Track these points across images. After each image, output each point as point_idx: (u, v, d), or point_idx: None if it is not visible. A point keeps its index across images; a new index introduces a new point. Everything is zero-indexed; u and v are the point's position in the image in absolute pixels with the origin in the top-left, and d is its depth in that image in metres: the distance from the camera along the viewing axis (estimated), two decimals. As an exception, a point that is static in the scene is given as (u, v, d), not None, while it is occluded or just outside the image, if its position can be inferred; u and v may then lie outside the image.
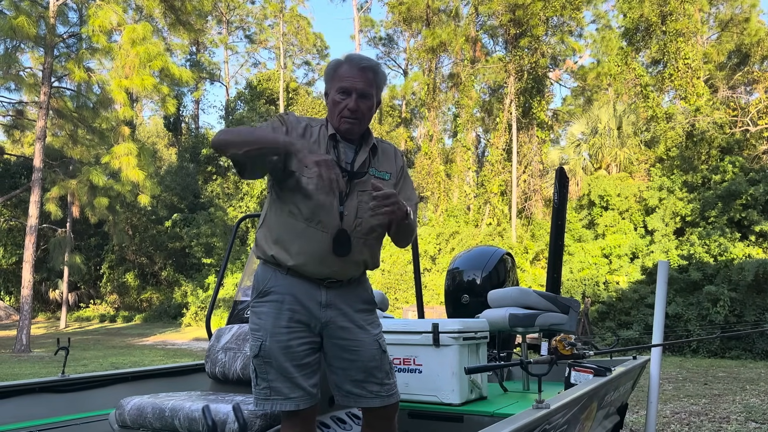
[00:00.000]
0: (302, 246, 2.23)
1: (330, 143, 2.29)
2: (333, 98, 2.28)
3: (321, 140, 2.30)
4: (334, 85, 2.28)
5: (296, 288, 2.25)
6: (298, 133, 2.28)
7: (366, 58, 2.33)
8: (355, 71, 2.27)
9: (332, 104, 2.29)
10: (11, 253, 32.55)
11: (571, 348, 2.33)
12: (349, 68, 2.28)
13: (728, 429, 5.93)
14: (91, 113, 20.12)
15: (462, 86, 28.26)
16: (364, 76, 2.27)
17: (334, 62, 2.34)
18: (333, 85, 2.29)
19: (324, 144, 2.29)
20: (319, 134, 2.31)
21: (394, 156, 2.45)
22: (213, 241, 29.55)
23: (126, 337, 22.84)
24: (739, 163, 19.34)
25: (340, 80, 2.27)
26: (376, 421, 2.36)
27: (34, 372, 11.57)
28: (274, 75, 35.55)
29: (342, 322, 2.29)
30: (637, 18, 24.37)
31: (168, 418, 2.57)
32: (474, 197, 28.05)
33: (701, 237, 18.12)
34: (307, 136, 2.28)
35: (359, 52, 2.10)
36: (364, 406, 2.33)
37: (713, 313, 15.60)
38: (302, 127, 2.30)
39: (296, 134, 2.27)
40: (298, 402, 2.21)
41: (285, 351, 2.20)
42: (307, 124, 2.33)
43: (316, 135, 2.31)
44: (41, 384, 3.17)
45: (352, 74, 2.26)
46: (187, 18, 23.37)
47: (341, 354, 2.29)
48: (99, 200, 20.97)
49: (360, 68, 2.28)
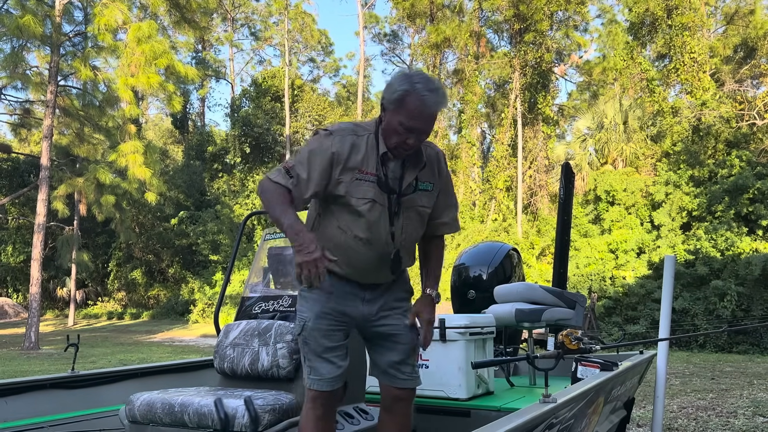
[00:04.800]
0: (351, 260, 2.35)
1: (379, 160, 2.28)
2: (394, 127, 2.21)
3: (369, 154, 2.28)
4: (399, 116, 2.19)
5: (342, 288, 2.41)
6: (343, 156, 2.25)
7: (436, 96, 2.19)
8: (425, 115, 2.19)
9: (391, 130, 2.23)
10: (19, 251, 32.73)
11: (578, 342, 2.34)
12: (419, 108, 2.17)
13: (736, 424, 5.92)
14: (97, 111, 20.21)
15: (467, 82, 28.20)
16: (432, 119, 2.23)
17: (404, 89, 2.18)
18: (397, 115, 2.20)
19: (373, 161, 2.28)
20: (367, 146, 2.28)
21: (437, 163, 2.44)
22: (219, 238, 29.63)
23: (134, 334, 22.96)
24: (746, 157, 19.24)
25: (407, 116, 2.18)
26: (397, 404, 2.47)
27: (43, 369, 11.65)
28: (279, 72, 35.52)
29: (383, 311, 2.45)
30: (642, 12, 24.26)
31: (177, 413, 2.59)
32: (479, 193, 28.02)
33: (708, 231, 18.05)
34: (353, 155, 2.26)
35: (427, 75, 2.21)
36: (399, 386, 2.46)
37: (720, 307, 15.56)
38: (348, 147, 2.26)
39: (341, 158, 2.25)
40: (333, 382, 2.39)
41: (323, 334, 2.38)
42: (353, 142, 2.27)
43: (363, 149, 2.27)
44: (52, 380, 3.20)
45: (422, 117, 2.19)
46: (192, 16, 23.39)
47: (382, 341, 2.47)
48: (106, 198, 21.06)
49: (431, 114, 2.20)
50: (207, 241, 29.78)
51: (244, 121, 33.04)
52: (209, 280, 29.19)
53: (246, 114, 33.70)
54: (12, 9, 18.24)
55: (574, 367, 3.33)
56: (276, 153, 34.17)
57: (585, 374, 3.26)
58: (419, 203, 2.38)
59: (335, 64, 41.56)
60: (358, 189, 2.27)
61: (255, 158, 33.46)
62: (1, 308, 31.40)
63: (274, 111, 34.33)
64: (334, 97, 39.56)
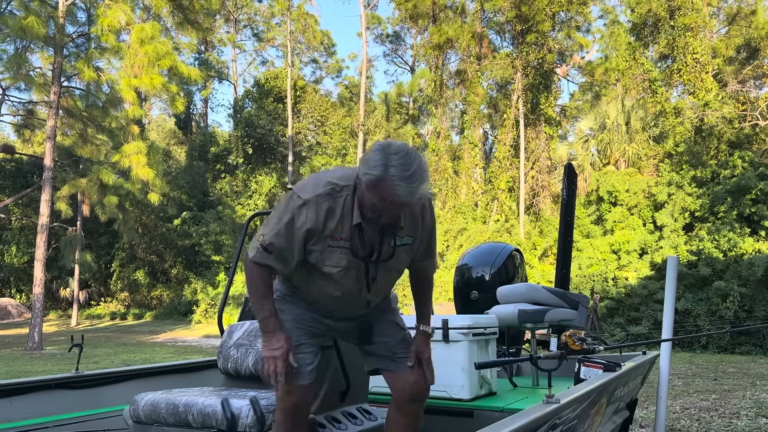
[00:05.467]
0: (327, 308, 2.44)
1: (355, 229, 2.18)
2: (369, 202, 2.08)
3: (345, 217, 2.16)
4: (372, 196, 2.06)
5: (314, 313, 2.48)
6: (318, 228, 2.16)
7: (409, 186, 2.02)
8: (396, 203, 2.06)
9: (366, 204, 2.10)
10: (23, 251, 32.79)
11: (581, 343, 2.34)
12: (391, 196, 2.02)
13: (738, 425, 5.92)
14: (100, 112, 20.25)
15: (469, 83, 28.20)
16: (405, 206, 2.12)
17: (378, 174, 2.01)
18: (370, 193, 2.06)
19: (348, 226, 2.17)
20: (343, 209, 2.16)
21: (420, 215, 2.30)
22: (222, 238, 29.66)
23: (137, 335, 22.98)
24: (749, 157, 19.21)
25: (379, 199, 2.05)
26: (407, 405, 2.44)
27: (46, 369, 11.67)
28: (281, 73, 35.56)
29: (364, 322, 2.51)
30: (645, 13, 24.26)
31: (182, 413, 2.60)
32: (482, 194, 28.01)
33: (710, 232, 18.03)
34: (328, 223, 2.16)
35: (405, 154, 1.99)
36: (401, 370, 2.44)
37: (723, 308, 15.54)
38: (323, 216, 2.14)
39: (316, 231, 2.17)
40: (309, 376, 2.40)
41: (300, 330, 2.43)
42: (328, 208, 2.15)
43: (338, 213, 2.15)
44: (56, 380, 3.21)
45: (393, 205, 2.06)
46: (195, 17, 23.44)
47: (367, 341, 2.51)
48: (109, 199, 21.10)
49: (402, 203, 2.06)
50: (210, 242, 29.81)
51: (246, 121, 33.07)
52: (212, 281, 29.22)
53: (248, 115, 33.74)
54: (15, 10, 18.30)
55: (577, 368, 3.34)
56: (278, 154, 34.19)
57: (588, 375, 3.26)
58: (398, 261, 2.31)
59: (338, 65, 41.60)
60: (332, 257, 2.20)
61: (257, 159, 33.49)
62: (5, 309, 31.46)
63: (277, 112, 34.35)
64: (337, 98, 39.59)
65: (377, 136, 32.95)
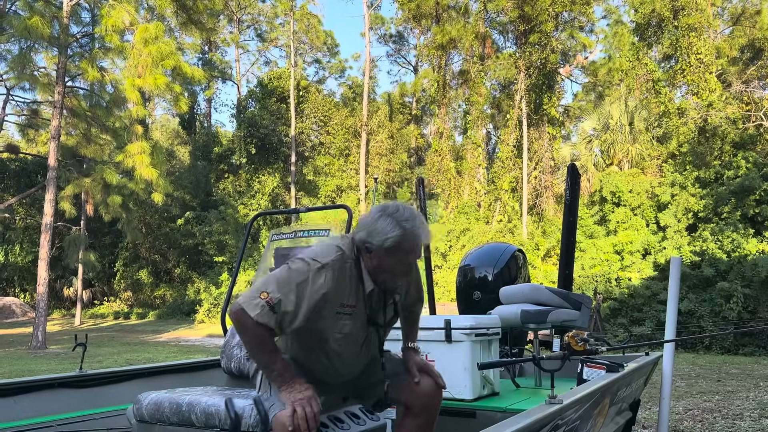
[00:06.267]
0: (315, 377, 2.29)
1: (368, 296, 2.23)
2: (390, 267, 2.16)
3: (350, 284, 2.18)
4: (394, 258, 2.14)
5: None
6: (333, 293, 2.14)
7: (425, 227, 2.17)
8: (418, 248, 2.17)
9: (385, 271, 2.17)
10: (27, 251, 32.90)
11: (584, 344, 2.34)
12: (416, 244, 2.14)
13: (742, 426, 5.90)
14: (104, 112, 20.29)
15: (472, 83, 28.18)
16: (420, 247, 2.21)
17: (398, 234, 2.11)
18: (391, 257, 2.13)
19: (353, 292, 2.19)
20: (350, 275, 2.18)
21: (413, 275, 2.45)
22: (225, 238, 29.71)
23: (140, 334, 23.03)
24: (753, 158, 19.16)
25: (406, 255, 2.14)
26: (423, 413, 2.41)
27: (50, 368, 11.70)
28: (285, 73, 35.59)
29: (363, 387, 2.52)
30: (648, 13, 24.21)
31: (185, 412, 2.60)
32: (484, 194, 27.99)
33: (714, 233, 17.99)
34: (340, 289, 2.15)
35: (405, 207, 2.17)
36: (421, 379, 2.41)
37: (726, 309, 15.50)
38: (336, 281, 2.14)
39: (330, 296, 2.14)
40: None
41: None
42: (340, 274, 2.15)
43: (346, 279, 2.17)
44: (60, 379, 3.22)
45: (417, 250, 2.17)
46: (199, 17, 23.49)
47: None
48: (113, 198, 21.14)
49: (423, 245, 2.19)
50: (213, 242, 29.86)
51: (249, 122, 33.11)
52: (215, 281, 29.26)
53: (252, 115, 33.78)
54: (20, 10, 18.36)
55: (580, 368, 3.34)
56: (281, 154, 34.22)
57: (591, 375, 3.26)
58: (391, 320, 2.41)
59: (341, 65, 41.61)
60: (337, 324, 2.19)
61: (261, 159, 33.52)
62: (9, 308, 31.55)
63: (280, 112, 34.38)
64: (340, 98, 39.60)
65: (380, 136, 32.96)
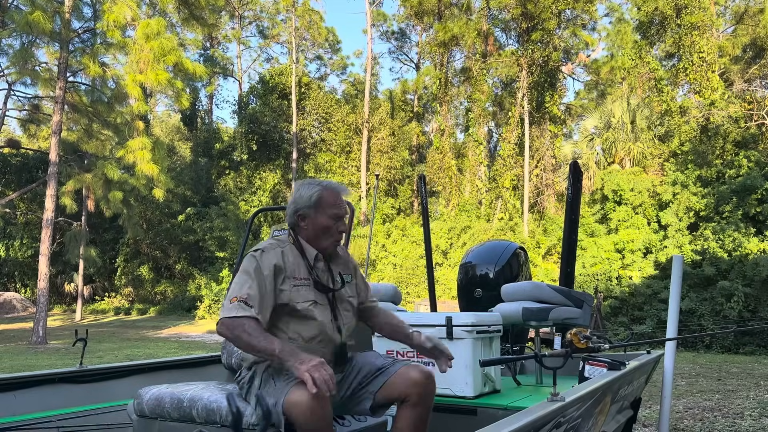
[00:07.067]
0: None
1: (309, 264, 2.45)
2: (325, 224, 2.45)
3: (297, 261, 2.44)
4: (324, 213, 2.44)
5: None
6: (281, 266, 2.37)
7: (341, 184, 2.54)
8: (341, 199, 2.50)
9: (322, 229, 2.45)
10: (27, 246, 32.92)
11: (586, 341, 2.34)
12: (337, 195, 2.48)
13: (742, 425, 5.90)
14: (105, 108, 20.28)
15: (474, 80, 28.16)
16: (344, 201, 2.54)
17: (317, 190, 2.45)
18: (321, 212, 2.44)
19: (303, 267, 2.44)
20: (293, 254, 2.44)
21: (347, 257, 2.69)
22: (226, 234, 29.72)
23: (141, 330, 23.05)
24: (755, 157, 19.14)
25: (331, 207, 2.45)
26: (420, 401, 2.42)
27: (50, 363, 11.72)
28: (286, 70, 35.55)
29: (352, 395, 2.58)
30: (651, 11, 24.16)
31: (186, 408, 2.59)
32: (486, 192, 27.98)
33: (715, 232, 17.97)
34: (287, 265, 2.39)
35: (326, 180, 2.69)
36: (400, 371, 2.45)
37: (727, 308, 15.50)
38: (281, 258, 2.39)
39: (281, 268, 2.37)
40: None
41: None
42: (282, 252, 2.41)
43: (291, 258, 2.43)
44: (60, 374, 3.21)
45: (341, 201, 2.50)
46: (201, 13, 23.45)
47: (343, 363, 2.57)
48: (114, 194, 21.16)
49: (344, 197, 2.52)
50: (214, 238, 29.88)
51: (251, 118, 33.09)
52: (216, 277, 29.29)
53: (253, 111, 33.76)
54: (22, 5, 18.34)
55: (582, 366, 3.33)
56: (283, 150, 34.22)
57: (592, 373, 3.25)
58: (348, 294, 2.58)
59: (342, 62, 41.57)
60: (299, 294, 2.39)
61: (262, 155, 33.52)
62: (10, 303, 31.59)
63: (281, 108, 34.36)
64: (342, 94, 39.58)
65: (381, 133, 32.93)
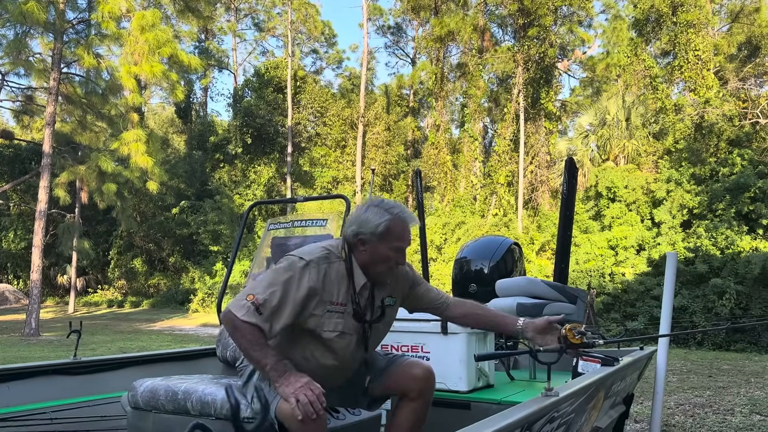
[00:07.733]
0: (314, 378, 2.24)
1: (354, 291, 2.30)
2: (384, 255, 2.28)
3: (340, 283, 2.28)
4: (387, 244, 2.27)
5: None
6: (319, 289, 2.23)
7: (411, 213, 2.35)
8: (408, 232, 2.32)
9: (381, 259, 2.29)
10: (20, 237, 32.75)
11: (581, 337, 2.35)
12: (404, 228, 2.30)
13: (733, 421, 5.95)
14: (100, 99, 20.17)
15: (470, 76, 28.13)
16: (410, 233, 2.36)
17: (387, 219, 2.27)
18: (384, 243, 2.27)
19: (344, 291, 2.28)
20: (338, 274, 2.28)
21: (404, 276, 2.50)
22: (220, 228, 29.66)
23: (134, 323, 23.00)
24: (748, 155, 19.22)
25: (397, 239, 2.28)
26: (420, 396, 2.42)
27: (43, 355, 11.69)
28: (282, 63, 35.41)
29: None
30: (647, 9, 24.18)
31: (180, 400, 2.59)
32: (480, 187, 28.01)
33: (708, 230, 18.06)
34: (327, 287, 2.25)
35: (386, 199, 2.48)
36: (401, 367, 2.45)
37: (719, 305, 15.58)
38: (322, 278, 2.24)
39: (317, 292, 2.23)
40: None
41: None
42: (326, 271, 2.26)
43: (334, 278, 2.27)
44: (54, 366, 3.21)
45: (407, 234, 2.32)
46: (196, 5, 23.31)
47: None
48: (107, 186, 21.04)
49: (409, 227, 2.34)
50: (208, 231, 29.81)
51: (246, 111, 32.97)
52: (209, 270, 29.24)
53: (248, 104, 33.64)
54: (16, -5, 18.17)
55: (575, 362, 3.35)
56: (278, 144, 34.12)
57: (586, 369, 3.27)
58: (386, 320, 2.45)
59: (338, 56, 41.44)
60: (330, 321, 2.26)
61: (257, 149, 33.42)
62: (2, 294, 31.46)
63: (277, 102, 34.25)
64: (337, 89, 39.47)
65: (377, 128, 32.90)
